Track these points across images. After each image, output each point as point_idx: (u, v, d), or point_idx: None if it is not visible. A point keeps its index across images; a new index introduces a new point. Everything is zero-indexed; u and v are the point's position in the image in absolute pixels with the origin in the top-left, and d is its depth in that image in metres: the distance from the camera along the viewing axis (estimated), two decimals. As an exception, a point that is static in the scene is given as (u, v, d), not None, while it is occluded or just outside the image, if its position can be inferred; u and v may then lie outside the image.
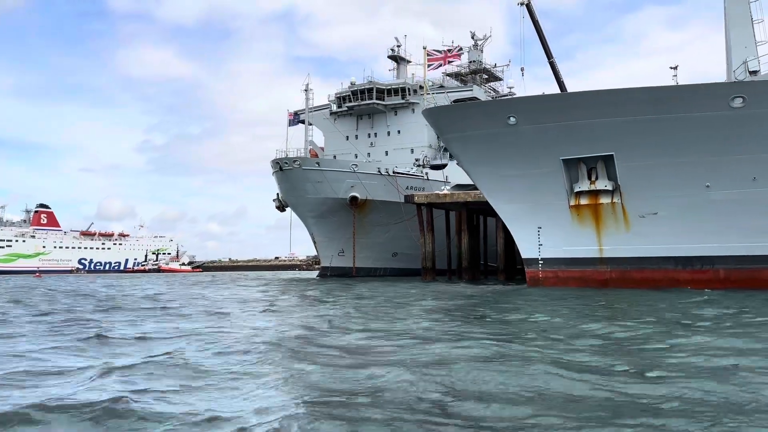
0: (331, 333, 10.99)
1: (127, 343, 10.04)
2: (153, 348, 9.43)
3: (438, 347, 8.79)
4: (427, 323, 12.20)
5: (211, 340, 10.13)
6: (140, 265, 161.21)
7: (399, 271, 54.82)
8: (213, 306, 18.21)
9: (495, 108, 24.92)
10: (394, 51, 61.96)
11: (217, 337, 10.50)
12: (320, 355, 8.42)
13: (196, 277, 76.74)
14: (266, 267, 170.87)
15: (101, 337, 10.62)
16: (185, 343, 9.78)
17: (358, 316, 14.23)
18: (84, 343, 9.97)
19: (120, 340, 10.39)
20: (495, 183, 26.69)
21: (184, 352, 8.72)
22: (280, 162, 49.77)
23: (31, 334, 11.36)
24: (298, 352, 8.66)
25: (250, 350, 8.89)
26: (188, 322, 13.59)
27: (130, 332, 11.44)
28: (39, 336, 11.12)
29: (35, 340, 10.52)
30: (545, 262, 26.41)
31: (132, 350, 9.30)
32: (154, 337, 10.72)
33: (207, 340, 10.03)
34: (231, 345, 9.43)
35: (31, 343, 10.16)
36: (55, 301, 21.87)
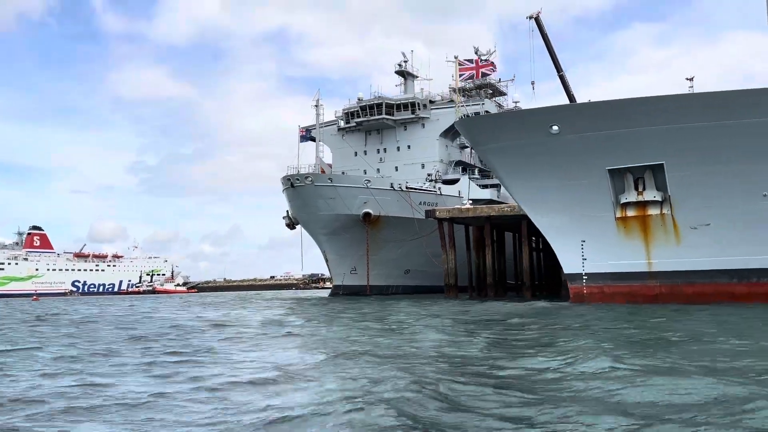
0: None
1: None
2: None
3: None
4: (609, 360, 9.27)
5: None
6: (134, 286, 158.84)
7: (412, 288, 53.58)
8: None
9: (536, 116, 23.95)
10: (401, 66, 61.25)
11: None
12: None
13: (202, 298, 74.80)
14: (262, 287, 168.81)
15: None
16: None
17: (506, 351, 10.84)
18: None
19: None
20: (534, 195, 25.67)
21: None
22: (291, 179, 48.62)
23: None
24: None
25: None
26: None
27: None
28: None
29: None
30: (589, 277, 25.33)
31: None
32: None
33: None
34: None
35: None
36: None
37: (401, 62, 61.62)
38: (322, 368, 9.15)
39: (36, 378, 9.03)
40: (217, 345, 13.04)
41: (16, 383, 8.55)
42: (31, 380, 8.80)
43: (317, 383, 7.88)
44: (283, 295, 76.57)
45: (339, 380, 8.03)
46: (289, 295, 74.83)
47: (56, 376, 9.19)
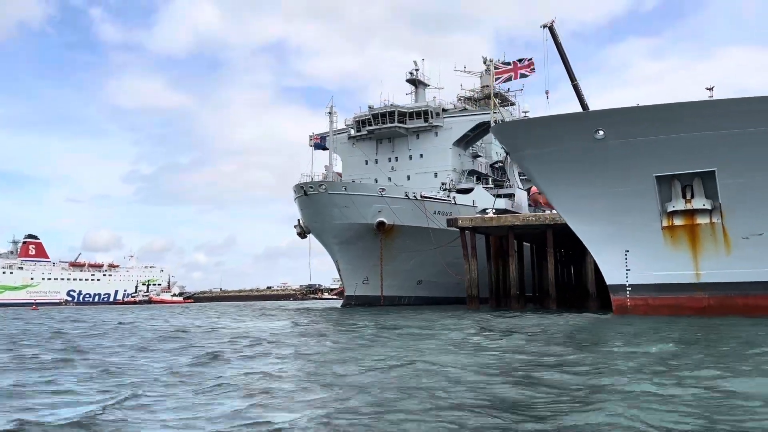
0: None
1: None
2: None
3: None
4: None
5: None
6: (130, 296, 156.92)
7: (424, 299, 52.51)
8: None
9: (581, 121, 23.10)
10: (412, 75, 60.59)
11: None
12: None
13: (208, 308, 73.32)
14: (259, 297, 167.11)
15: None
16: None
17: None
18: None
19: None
20: (575, 203, 24.76)
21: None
22: (304, 186, 47.59)
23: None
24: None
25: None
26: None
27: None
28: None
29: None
30: (633, 288, 24.39)
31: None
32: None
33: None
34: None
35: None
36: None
37: (413, 71, 60.96)
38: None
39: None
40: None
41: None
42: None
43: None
44: (289, 305, 75.13)
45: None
46: (295, 305, 73.44)
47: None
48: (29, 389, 8.65)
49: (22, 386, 8.87)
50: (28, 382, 9.41)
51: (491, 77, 66.77)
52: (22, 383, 9.18)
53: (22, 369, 11.18)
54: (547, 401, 6.99)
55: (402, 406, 6.97)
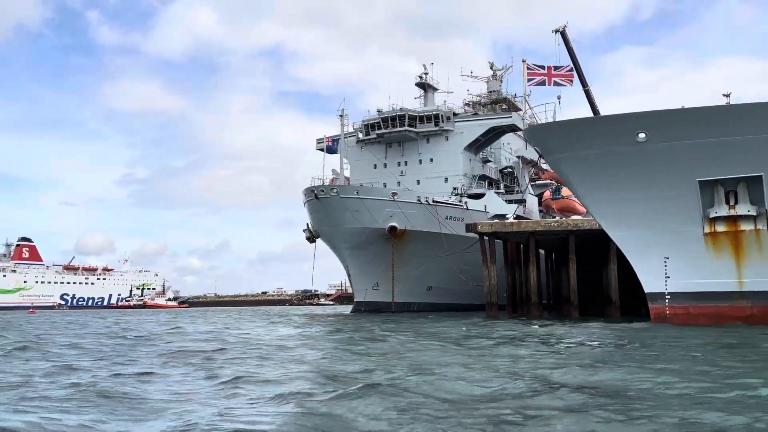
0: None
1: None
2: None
3: None
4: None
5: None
6: (124, 300, 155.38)
7: (433, 306, 51.66)
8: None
9: (622, 123, 22.38)
10: (421, 78, 59.97)
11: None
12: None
13: (210, 314, 72.08)
14: (254, 302, 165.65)
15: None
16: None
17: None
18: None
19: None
20: (613, 208, 24.04)
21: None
22: (315, 190, 46.76)
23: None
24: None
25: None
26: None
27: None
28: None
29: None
30: (673, 296, 23.66)
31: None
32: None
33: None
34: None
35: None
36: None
37: (422, 74, 60.35)
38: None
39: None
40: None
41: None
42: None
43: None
44: (293, 311, 74.02)
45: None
46: (299, 311, 72.36)
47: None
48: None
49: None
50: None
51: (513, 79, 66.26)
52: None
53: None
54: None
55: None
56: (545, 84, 26.11)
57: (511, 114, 53.77)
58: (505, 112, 61.85)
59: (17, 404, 7.61)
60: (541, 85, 26.14)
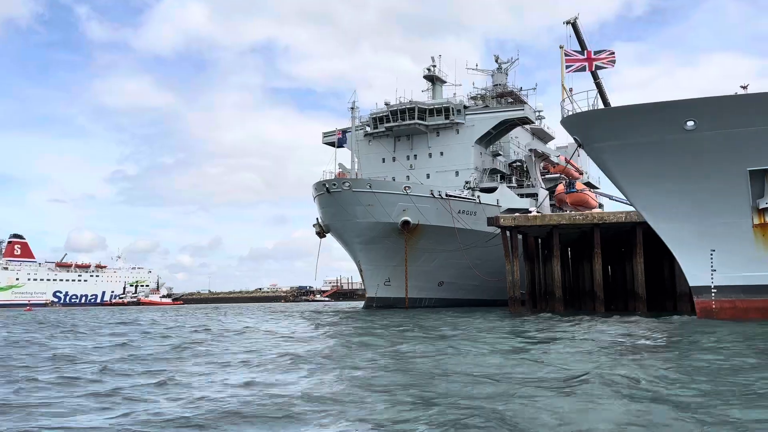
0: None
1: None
2: None
3: None
4: None
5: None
6: (118, 297, 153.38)
7: (444, 301, 50.90)
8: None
9: (670, 110, 21.61)
10: (430, 71, 59.02)
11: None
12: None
13: (215, 310, 70.83)
14: (248, 299, 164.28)
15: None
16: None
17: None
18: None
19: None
20: (657, 199, 23.31)
21: None
22: (327, 184, 45.72)
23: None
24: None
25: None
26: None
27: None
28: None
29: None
30: (719, 290, 22.99)
31: None
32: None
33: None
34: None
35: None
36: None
37: (430, 66, 59.38)
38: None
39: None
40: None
41: None
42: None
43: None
44: (300, 307, 72.87)
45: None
46: (306, 308, 71.25)
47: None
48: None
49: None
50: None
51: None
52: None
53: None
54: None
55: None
56: (585, 70, 25.18)
57: (524, 106, 52.95)
58: (511, 105, 61.09)
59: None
60: (580, 71, 25.20)
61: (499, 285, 51.17)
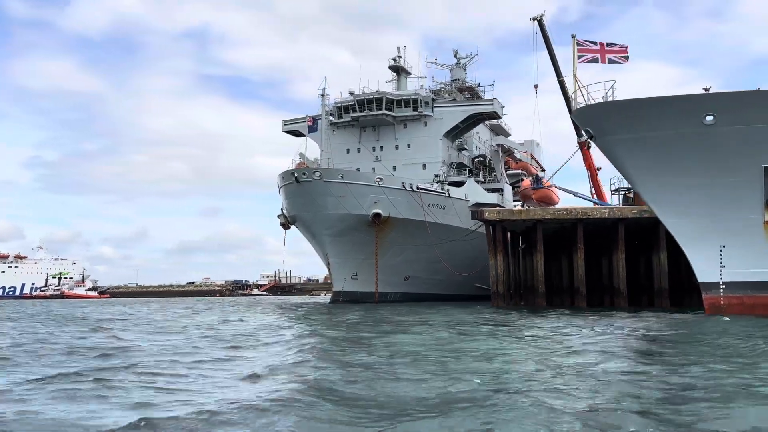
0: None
1: None
2: None
3: None
4: None
5: None
6: (39, 290, 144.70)
7: (410, 296, 50.08)
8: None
9: (689, 104, 21.51)
10: (395, 61, 58.05)
11: None
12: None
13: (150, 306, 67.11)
14: (181, 293, 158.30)
15: None
16: None
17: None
18: None
19: None
20: (668, 193, 23.24)
21: None
22: (296, 173, 43.91)
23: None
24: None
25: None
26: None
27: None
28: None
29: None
30: (728, 286, 23.17)
31: None
32: None
33: None
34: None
35: None
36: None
37: (395, 57, 58.44)
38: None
39: None
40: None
41: None
42: None
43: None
44: (262, 301, 70.08)
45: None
46: (273, 301, 68.80)
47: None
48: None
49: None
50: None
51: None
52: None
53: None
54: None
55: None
56: (597, 61, 24.83)
57: (492, 101, 52.82)
58: (469, 101, 60.87)
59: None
60: (592, 62, 24.83)
61: (465, 280, 51.02)
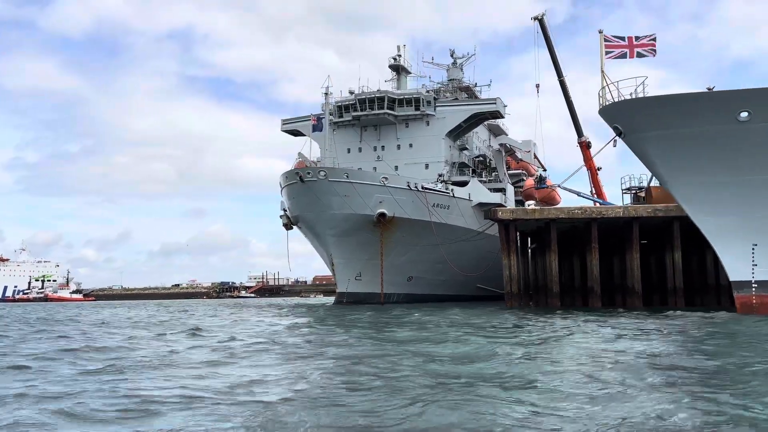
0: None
1: None
2: None
3: None
4: None
5: None
6: (22, 293, 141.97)
7: (413, 297, 49.50)
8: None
9: (724, 100, 21.22)
10: (395, 60, 57.53)
11: None
12: None
13: (152, 308, 65.83)
14: (166, 295, 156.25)
15: None
16: None
17: None
18: None
19: None
20: (700, 191, 22.95)
21: None
22: (300, 172, 43.11)
23: None
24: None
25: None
26: None
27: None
28: None
29: None
30: (760, 285, 22.91)
31: None
32: None
33: None
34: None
35: None
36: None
37: (395, 56, 57.95)
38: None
39: None
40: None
41: None
42: None
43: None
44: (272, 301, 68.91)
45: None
46: (276, 302, 67.77)
47: None
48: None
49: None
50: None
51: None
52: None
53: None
54: None
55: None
56: (626, 57, 24.44)
57: (495, 100, 52.43)
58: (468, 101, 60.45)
59: None
60: (621, 58, 24.44)
61: (468, 280, 50.58)
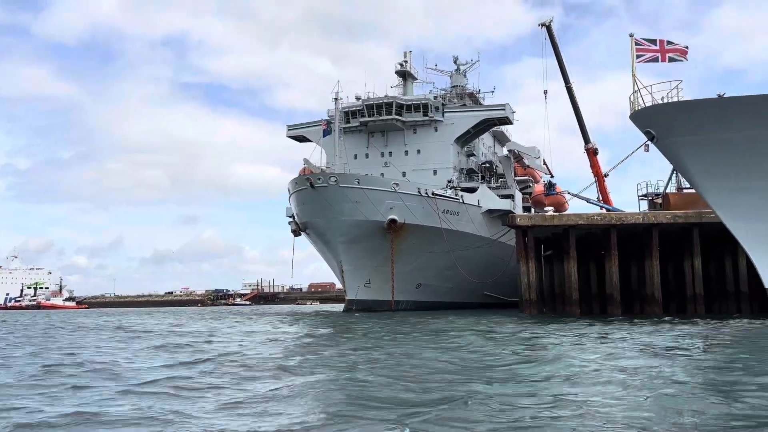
0: None
1: None
2: None
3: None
4: None
5: None
6: (15, 300, 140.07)
7: (421, 304, 48.91)
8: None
9: (760, 104, 20.86)
10: (402, 66, 57.21)
11: None
12: None
13: (159, 318, 64.71)
14: (160, 303, 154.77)
15: None
16: None
17: None
18: None
19: None
20: (735, 197, 22.57)
21: None
22: (311, 178, 42.49)
23: None
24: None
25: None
26: None
27: None
28: None
29: None
30: (796, 292, 22.54)
31: None
32: None
33: None
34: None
35: None
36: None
37: (402, 62, 57.65)
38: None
39: None
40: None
41: None
42: None
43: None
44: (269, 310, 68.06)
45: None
46: (276, 309, 66.86)
47: None
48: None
49: None
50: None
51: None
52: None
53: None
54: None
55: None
56: (658, 60, 24.09)
57: (504, 106, 52.13)
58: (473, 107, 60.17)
59: None
60: (653, 62, 24.08)
61: (475, 288, 50.08)
